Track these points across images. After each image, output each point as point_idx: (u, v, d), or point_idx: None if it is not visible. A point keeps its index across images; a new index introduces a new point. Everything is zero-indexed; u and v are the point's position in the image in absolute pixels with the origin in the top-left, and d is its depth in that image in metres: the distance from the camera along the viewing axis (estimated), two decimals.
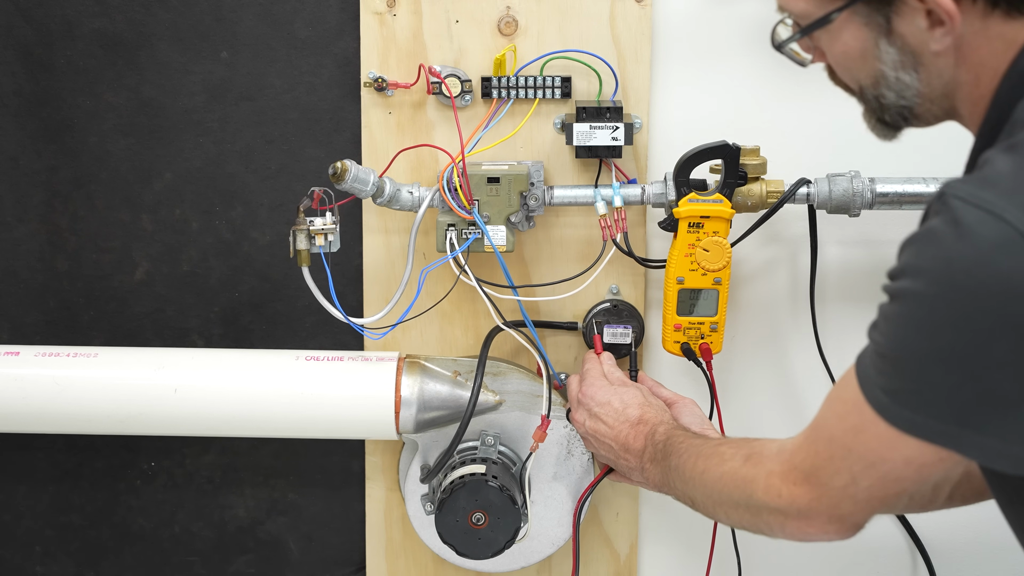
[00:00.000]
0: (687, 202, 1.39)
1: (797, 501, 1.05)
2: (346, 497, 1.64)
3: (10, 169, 1.56)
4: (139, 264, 1.58)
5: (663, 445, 1.26)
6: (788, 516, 1.07)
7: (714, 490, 1.15)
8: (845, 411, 1.00)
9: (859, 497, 1.02)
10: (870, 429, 0.97)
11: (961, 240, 0.89)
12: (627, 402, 1.35)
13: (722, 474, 1.14)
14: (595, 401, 1.36)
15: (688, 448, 1.22)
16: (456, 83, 1.45)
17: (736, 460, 1.13)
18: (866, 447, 0.99)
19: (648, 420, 1.32)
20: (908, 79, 1.03)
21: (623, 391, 1.36)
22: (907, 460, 0.97)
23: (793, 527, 1.07)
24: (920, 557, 1.60)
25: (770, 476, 1.08)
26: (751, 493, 1.09)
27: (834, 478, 1.02)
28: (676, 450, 1.23)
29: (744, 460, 1.12)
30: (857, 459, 1.00)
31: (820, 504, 1.04)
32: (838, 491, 1.02)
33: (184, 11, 1.51)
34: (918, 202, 1.43)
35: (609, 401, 1.35)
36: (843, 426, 1.01)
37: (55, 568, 1.68)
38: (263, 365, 1.47)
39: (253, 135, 1.54)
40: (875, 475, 0.99)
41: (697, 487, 1.18)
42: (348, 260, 1.53)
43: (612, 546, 1.61)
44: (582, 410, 1.38)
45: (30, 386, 1.45)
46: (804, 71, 1.49)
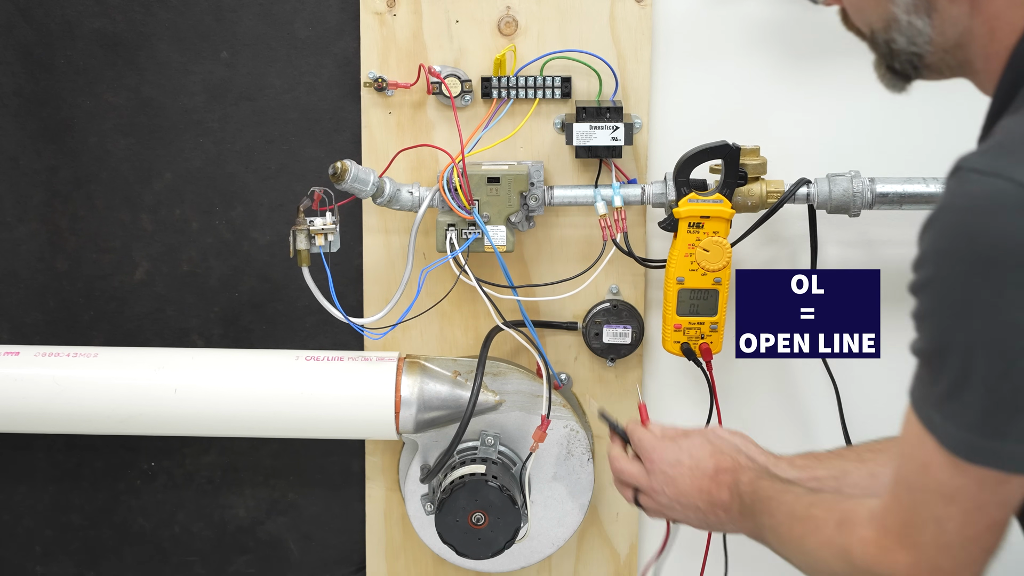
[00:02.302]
0: (687, 202, 1.39)
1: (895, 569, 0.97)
2: (346, 497, 1.64)
3: (10, 169, 1.56)
4: (139, 264, 1.58)
5: (751, 499, 1.18)
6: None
7: (812, 558, 1.08)
8: (912, 448, 0.94)
9: (952, 545, 0.93)
10: (935, 458, 0.90)
11: (983, 213, 0.84)
12: (697, 456, 1.25)
13: (819, 543, 1.06)
14: (666, 463, 1.26)
15: (779, 508, 1.14)
16: (456, 83, 1.45)
17: (829, 527, 1.04)
18: (937, 480, 0.91)
19: (726, 468, 1.22)
20: (920, 24, 0.98)
21: (687, 443, 1.26)
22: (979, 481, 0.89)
23: None
24: None
25: (864, 544, 0.99)
26: (850, 563, 1.01)
27: (923, 531, 0.94)
28: (767, 508, 1.15)
29: (837, 527, 1.04)
30: (935, 498, 0.92)
31: (919, 569, 0.95)
32: (931, 546, 0.94)
33: (184, 11, 1.51)
34: (918, 202, 1.43)
35: (679, 460, 1.25)
36: (914, 465, 0.94)
37: (55, 568, 1.68)
38: (263, 365, 1.47)
39: (253, 135, 1.54)
40: (957, 512, 0.92)
41: (794, 552, 1.11)
42: (348, 260, 1.53)
43: (612, 546, 1.61)
44: (655, 477, 1.27)
45: (30, 386, 1.45)
46: (805, 71, 1.49)
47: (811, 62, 1.49)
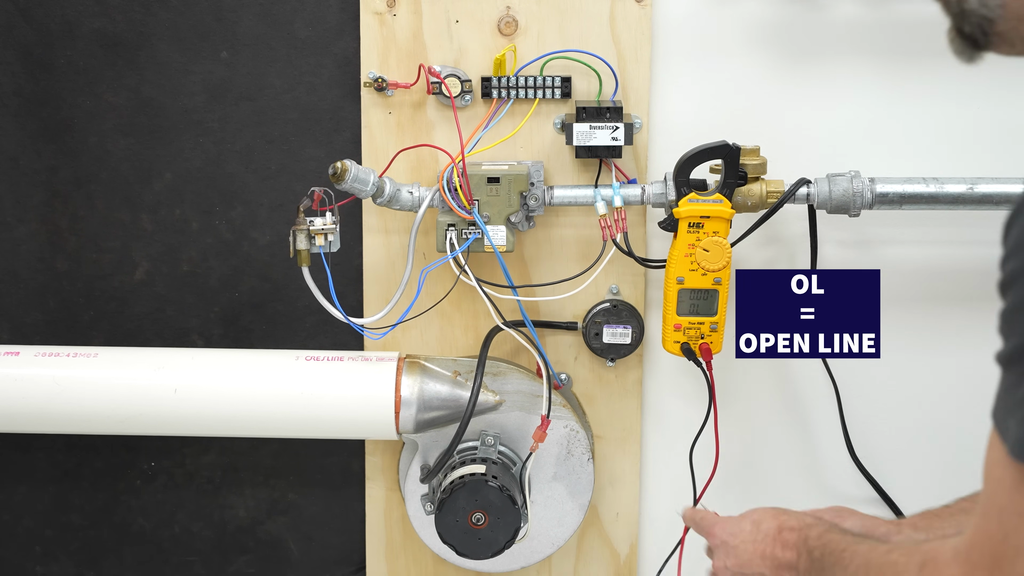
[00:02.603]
0: (687, 202, 1.39)
1: None
2: (346, 497, 1.64)
3: (10, 169, 1.56)
4: (139, 264, 1.58)
5: (820, 552, 1.14)
6: None
7: None
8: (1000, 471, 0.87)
9: None
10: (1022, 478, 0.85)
11: None
12: (758, 519, 1.24)
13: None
14: (727, 533, 1.26)
15: (853, 559, 1.09)
16: (456, 83, 1.45)
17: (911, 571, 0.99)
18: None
19: (791, 527, 1.20)
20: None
21: (750, 513, 1.25)
22: None
23: None
24: None
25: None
26: None
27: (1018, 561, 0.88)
28: (839, 560, 1.11)
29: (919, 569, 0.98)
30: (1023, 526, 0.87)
31: None
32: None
33: (184, 11, 1.51)
34: (918, 202, 1.43)
35: (741, 528, 1.25)
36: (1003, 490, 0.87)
37: (55, 568, 1.68)
38: (263, 365, 1.47)
39: (253, 135, 1.54)
40: None
41: None
42: (348, 260, 1.53)
43: (612, 546, 1.61)
44: (718, 552, 1.27)
45: (30, 386, 1.45)
46: (805, 71, 1.49)
47: (811, 62, 1.49)
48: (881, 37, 1.48)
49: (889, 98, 1.50)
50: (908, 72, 1.49)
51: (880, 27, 1.48)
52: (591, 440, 1.52)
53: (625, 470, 1.59)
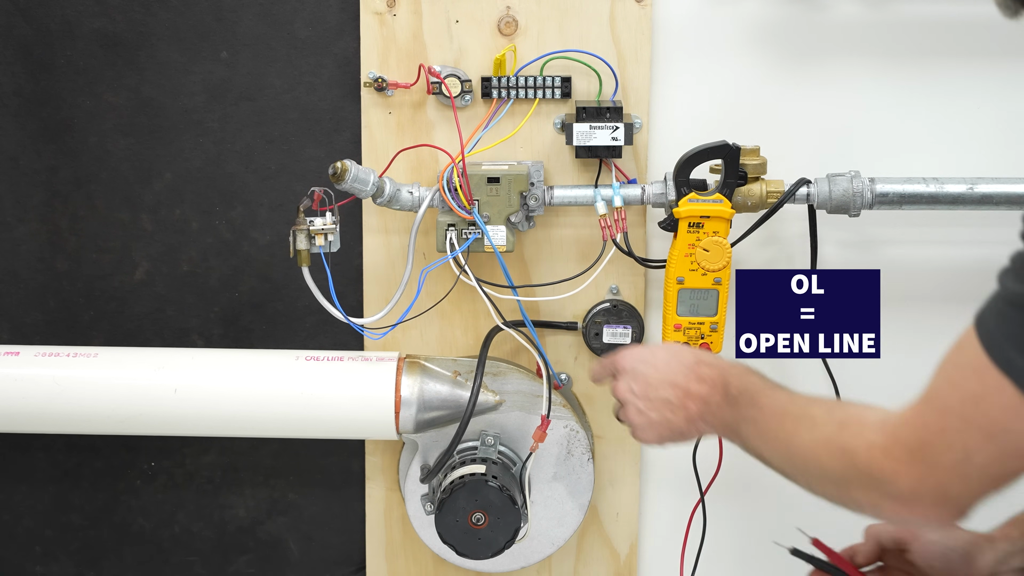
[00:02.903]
0: (687, 202, 1.39)
1: (899, 480, 0.95)
2: (346, 497, 1.64)
3: (10, 169, 1.56)
4: (139, 264, 1.58)
5: (737, 391, 1.15)
6: (886, 496, 0.96)
7: (802, 457, 1.05)
8: (963, 378, 0.91)
9: (972, 477, 0.92)
10: (994, 397, 0.88)
11: None
12: (676, 351, 1.23)
13: (813, 440, 1.03)
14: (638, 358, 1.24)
15: (772, 403, 1.11)
16: (456, 83, 1.45)
17: (830, 426, 1.02)
18: (987, 417, 0.89)
19: (710, 363, 1.19)
20: None
21: (665, 344, 1.24)
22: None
23: (890, 509, 0.97)
24: None
25: (871, 449, 0.97)
26: (848, 464, 0.99)
27: (945, 454, 0.92)
28: (756, 402, 1.12)
29: (840, 427, 1.01)
30: (975, 431, 0.90)
31: (925, 485, 0.94)
32: (948, 469, 0.92)
33: (184, 11, 1.51)
34: (918, 202, 1.43)
35: (654, 353, 1.24)
36: (960, 394, 0.91)
37: (55, 568, 1.68)
38: (263, 365, 1.47)
39: (253, 135, 1.54)
40: (993, 449, 0.90)
41: (778, 449, 1.08)
42: (348, 260, 1.53)
43: (612, 546, 1.61)
44: (624, 377, 1.25)
45: (30, 386, 1.45)
46: (805, 71, 1.49)
47: (811, 62, 1.49)
48: (881, 37, 1.48)
49: (889, 98, 1.50)
50: (908, 72, 1.49)
51: (880, 27, 1.48)
52: (591, 440, 1.52)
53: (625, 470, 1.59)
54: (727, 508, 1.62)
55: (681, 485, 1.56)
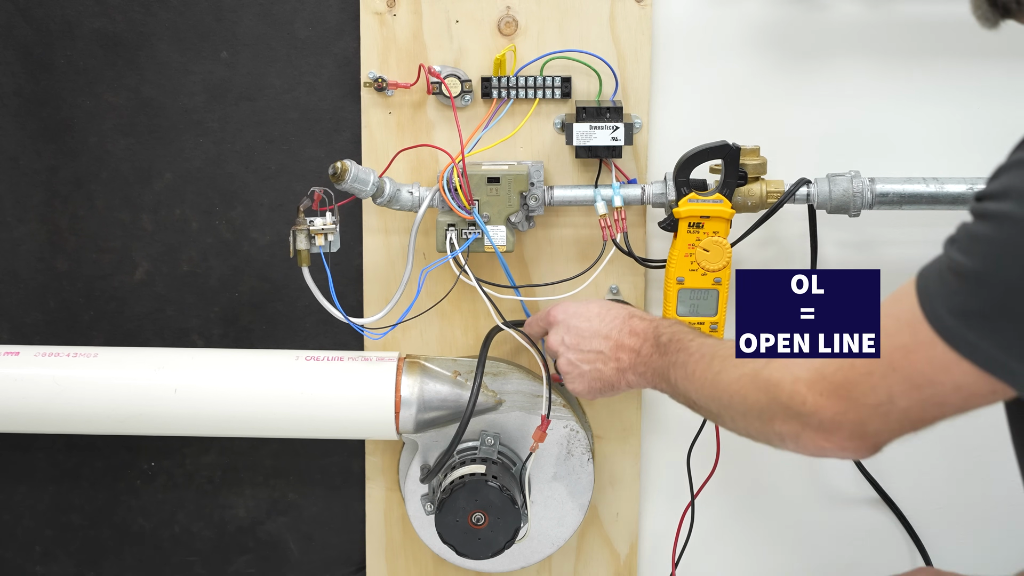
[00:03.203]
0: (687, 202, 1.39)
1: (821, 411, 0.99)
2: (346, 497, 1.64)
3: (10, 169, 1.56)
4: (139, 264, 1.58)
5: (667, 339, 1.20)
6: (807, 426, 1.00)
7: (726, 393, 1.09)
8: (896, 328, 0.95)
9: (892, 417, 0.96)
10: (923, 350, 0.92)
11: None
12: (609, 306, 1.31)
13: (740, 376, 1.07)
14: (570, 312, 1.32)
15: (701, 347, 1.15)
16: (456, 83, 1.45)
17: (755, 364, 1.06)
18: (914, 368, 0.93)
19: (642, 316, 1.26)
20: None
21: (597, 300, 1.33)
22: (957, 387, 0.92)
23: (809, 439, 1.01)
24: (920, 557, 1.60)
25: (796, 382, 1.01)
26: (772, 396, 1.03)
27: (868, 395, 0.96)
28: (685, 347, 1.17)
29: (766, 363, 1.05)
30: (901, 379, 0.94)
31: (845, 418, 0.98)
32: (869, 408, 0.96)
33: (184, 11, 1.51)
34: (918, 202, 1.43)
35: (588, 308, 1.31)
36: (890, 343, 0.95)
37: (55, 568, 1.68)
38: (263, 365, 1.47)
39: (253, 135, 1.54)
40: (917, 397, 0.94)
41: (705, 388, 1.12)
42: (348, 260, 1.53)
43: (612, 546, 1.61)
44: (556, 329, 1.33)
45: (30, 386, 1.45)
46: (805, 71, 1.49)
47: (811, 62, 1.49)
48: (881, 37, 1.48)
49: (889, 98, 1.50)
50: (908, 72, 1.49)
51: (880, 27, 1.48)
52: (591, 440, 1.52)
53: (625, 470, 1.59)
54: (727, 508, 1.62)
55: (681, 485, 1.56)
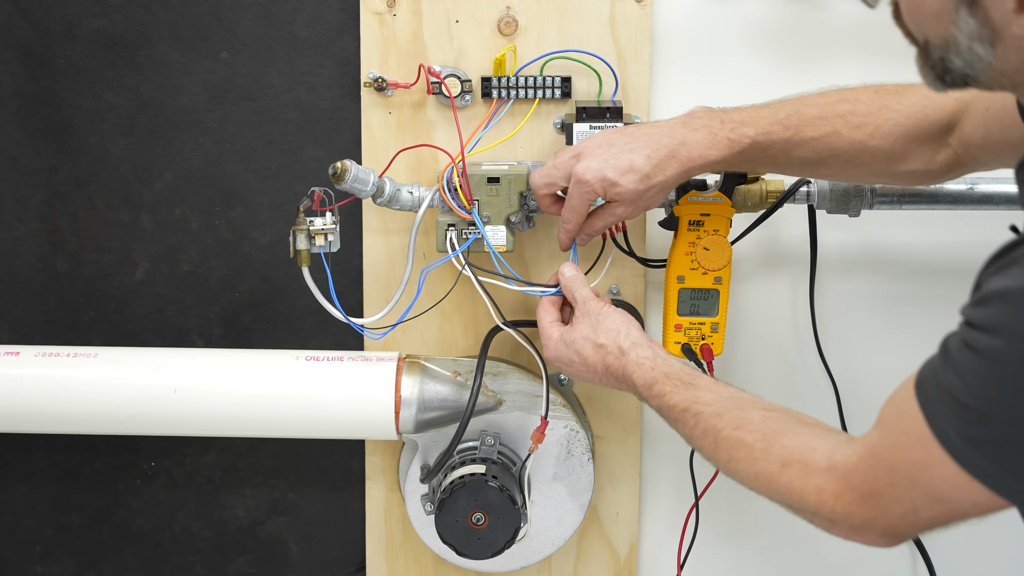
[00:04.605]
0: (687, 200, 1.39)
1: (852, 518, 1.01)
2: (346, 497, 1.64)
3: (10, 169, 1.56)
4: (139, 264, 1.58)
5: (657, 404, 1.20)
6: (837, 525, 1.02)
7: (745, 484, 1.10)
8: (908, 444, 0.95)
9: (919, 524, 0.98)
10: (938, 469, 0.93)
11: None
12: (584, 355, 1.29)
13: (755, 475, 1.08)
14: (562, 362, 1.32)
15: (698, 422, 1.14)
16: (456, 83, 1.45)
17: (770, 463, 1.07)
18: (932, 485, 0.94)
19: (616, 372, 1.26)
20: (982, 52, 0.92)
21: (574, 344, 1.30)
22: (974, 503, 0.93)
23: (841, 534, 1.03)
24: (920, 557, 1.60)
25: (821, 493, 1.02)
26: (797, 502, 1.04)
27: (894, 505, 0.98)
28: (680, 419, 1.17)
29: (782, 466, 1.06)
30: (921, 493, 0.95)
31: (875, 524, 1.00)
32: (897, 516, 0.98)
33: (184, 11, 1.51)
34: (918, 202, 1.43)
35: (572, 360, 1.31)
36: (907, 459, 0.96)
37: (55, 568, 1.68)
38: (263, 365, 1.47)
39: (253, 135, 1.54)
40: (939, 510, 0.95)
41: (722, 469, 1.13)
42: (348, 260, 1.53)
43: (612, 546, 1.61)
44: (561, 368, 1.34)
45: (30, 386, 1.45)
46: (804, 71, 1.49)
47: (811, 62, 1.49)
48: (881, 37, 1.48)
49: None
50: (908, 72, 1.48)
51: (880, 27, 1.47)
52: (591, 440, 1.52)
53: (625, 470, 1.59)
54: (727, 509, 1.62)
55: (681, 485, 1.57)
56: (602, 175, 1.27)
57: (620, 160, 1.26)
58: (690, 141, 1.26)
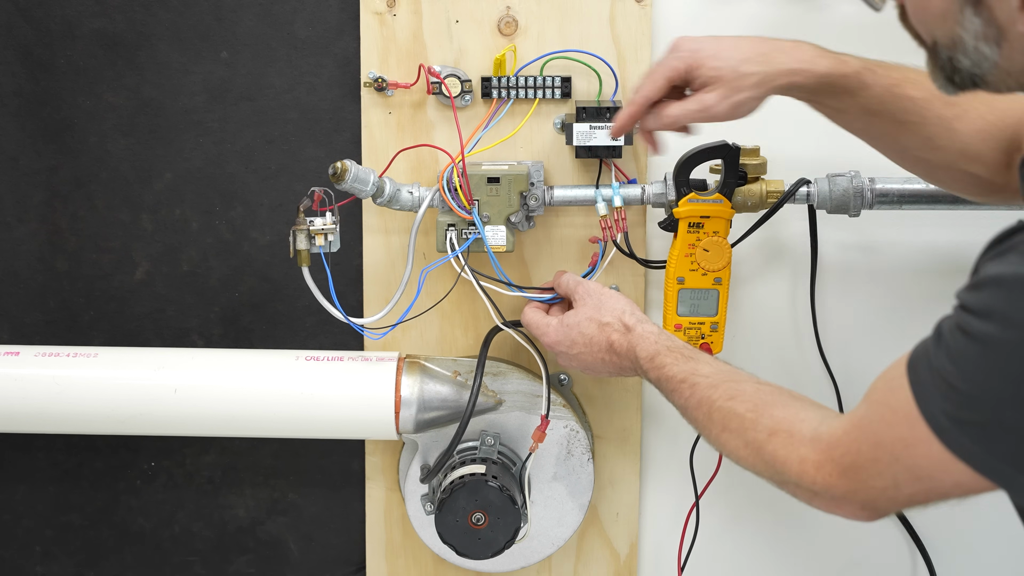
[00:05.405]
0: (687, 202, 1.39)
1: (832, 489, 1.02)
2: (346, 497, 1.64)
3: (10, 169, 1.56)
4: (139, 264, 1.58)
5: (655, 376, 1.24)
6: (817, 496, 1.04)
7: (734, 455, 1.12)
8: (895, 420, 0.96)
9: (899, 499, 0.99)
10: (922, 447, 0.94)
11: None
12: (587, 334, 1.32)
13: (745, 444, 1.10)
14: (563, 346, 1.34)
15: (693, 392, 1.18)
16: (456, 83, 1.45)
17: (759, 432, 1.09)
18: (915, 461, 0.95)
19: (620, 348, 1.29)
20: (988, 51, 0.93)
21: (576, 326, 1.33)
22: (957, 483, 0.94)
23: (821, 505, 1.05)
24: (920, 556, 1.60)
25: (803, 463, 1.04)
26: (780, 472, 1.06)
27: (875, 479, 0.99)
28: (677, 389, 1.20)
29: (769, 435, 1.08)
30: (903, 469, 0.97)
31: (855, 496, 1.01)
32: (877, 490, 1.00)
33: (184, 11, 1.51)
34: (918, 202, 1.43)
35: (574, 341, 1.34)
36: (892, 434, 0.97)
37: (55, 568, 1.68)
38: (263, 365, 1.47)
39: (253, 135, 1.54)
40: (920, 487, 0.97)
41: (712, 441, 1.15)
42: (348, 260, 1.53)
43: (612, 546, 1.61)
44: (559, 358, 1.36)
45: (30, 386, 1.45)
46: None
47: None
48: (881, 37, 1.48)
49: None
50: None
51: (880, 27, 1.47)
52: (591, 440, 1.52)
53: (625, 470, 1.59)
54: (728, 509, 1.62)
55: (681, 485, 1.56)
56: (699, 45, 1.23)
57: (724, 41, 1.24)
58: (800, 47, 1.25)
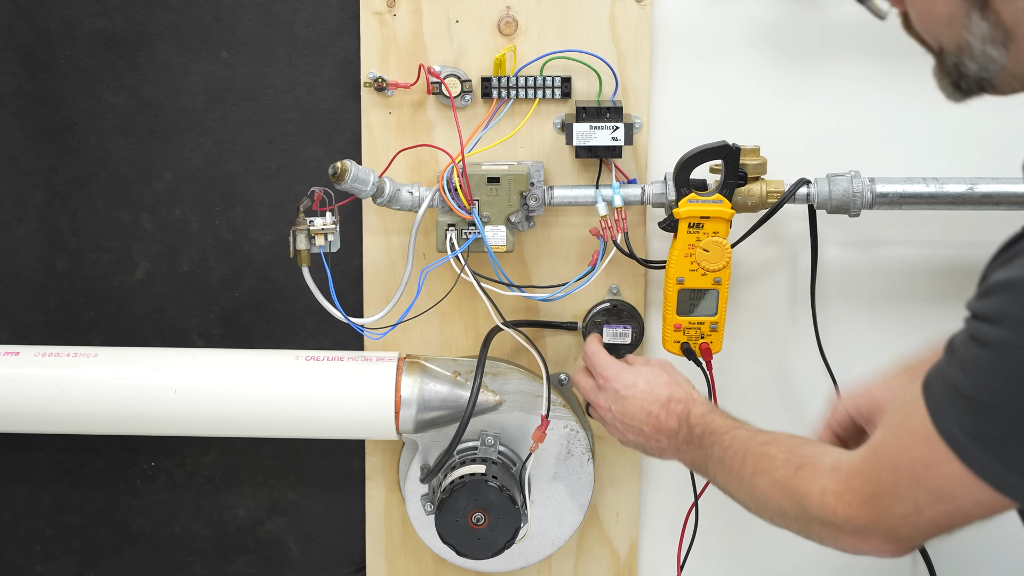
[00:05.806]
0: (687, 202, 1.39)
1: (853, 520, 1.02)
2: (346, 497, 1.64)
3: (10, 169, 1.56)
4: (139, 264, 1.58)
5: (700, 430, 1.23)
6: (842, 532, 1.03)
7: (763, 497, 1.12)
8: (913, 442, 0.96)
9: (921, 525, 0.98)
10: (942, 466, 0.93)
11: None
12: (653, 382, 1.31)
13: (770, 483, 1.10)
14: (621, 383, 1.33)
15: (732, 442, 1.18)
16: (456, 83, 1.45)
17: (787, 469, 1.08)
18: (936, 482, 0.95)
19: (679, 398, 1.28)
20: (996, 54, 0.93)
21: (647, 371, 1.33)
22: (978, 502, 0.93)
23: (847, 542, 1.04)
24: (920, 556, 1.60)
25: (824, 494, 1.04)
26: (803, 507, 1.06)
27: (896, 505, 0.98)
28: (718, 441, 1.20)
29: (795, 470, 1.07)
30: (924, 492, 0.96)
31: (878, 526, 1.00)
32: (899, 517, 0.99)
33: (184, 11, 1.51)
34: (918, 202, 1.43)
35: (635, 382, 1.32)
36: (910, 457, 0.96)
37: (55, 568, 1.68)
38: (263, 365, 1.47)
39: (253, 135, 1.54)
40: (942, 509, 0.96)
41: (743, 488, 1.15)
42: (348, 260, 1.53)
43: (612, 546, 1.61)
44: (605, 394, 1.34)
45: (30, 386, 1.45)
46: (805, 71, 1.50)
47: (811, 62, 1.49)
48: (881, 37, 1.48)
49: (889, 98, 1.50)
50: (908, 72, 1.48)
51: (880, 27, 1.47)
52: (591, 440, 1.52)
53: (625, 470, 1.59)
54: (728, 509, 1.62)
55: (681, 485, 1.56)
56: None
57: None
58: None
